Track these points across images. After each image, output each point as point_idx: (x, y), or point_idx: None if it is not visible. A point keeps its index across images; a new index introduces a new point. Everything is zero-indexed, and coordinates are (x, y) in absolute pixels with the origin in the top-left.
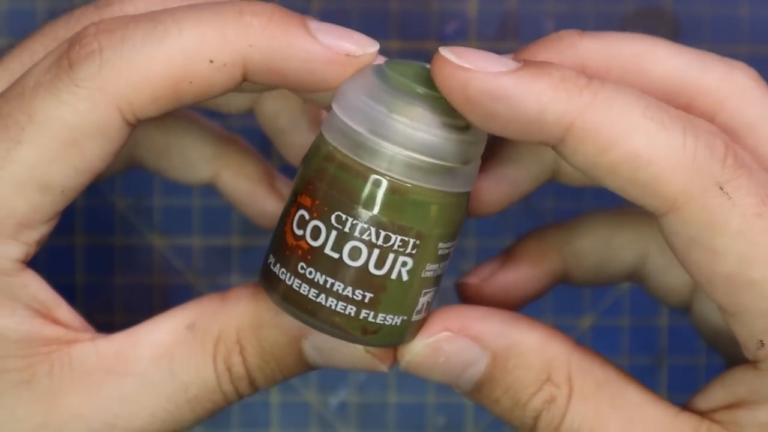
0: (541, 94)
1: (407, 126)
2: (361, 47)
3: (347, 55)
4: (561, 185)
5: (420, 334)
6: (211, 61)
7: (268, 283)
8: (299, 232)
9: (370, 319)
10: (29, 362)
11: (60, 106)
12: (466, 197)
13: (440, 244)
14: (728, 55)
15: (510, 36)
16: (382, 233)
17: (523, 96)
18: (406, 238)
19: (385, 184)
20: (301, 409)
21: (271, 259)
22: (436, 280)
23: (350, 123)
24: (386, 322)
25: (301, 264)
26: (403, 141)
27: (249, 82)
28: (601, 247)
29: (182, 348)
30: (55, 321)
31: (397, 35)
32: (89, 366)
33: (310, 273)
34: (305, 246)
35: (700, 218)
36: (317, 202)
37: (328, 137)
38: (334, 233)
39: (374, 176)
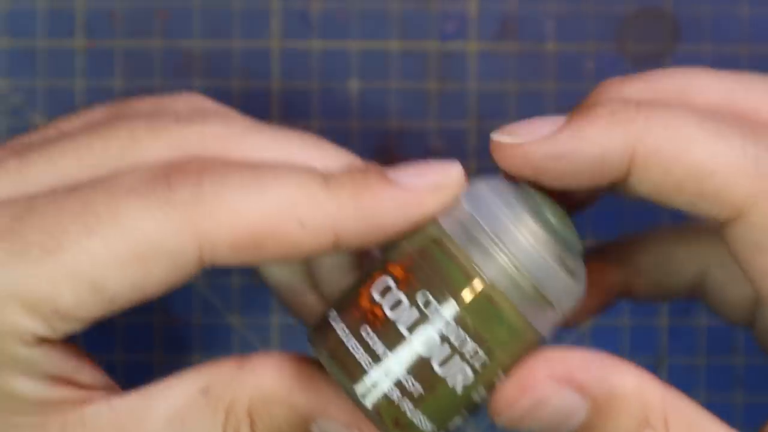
0: (598, 136)
1: (530, 246)
2: (445, 174)
3: (436, 185)
4: None
5: (523, 385)
6: (303, 225)
7: (321, 336)
8: (377, 298)
9: (408, 414)
10: (43, 420)
11: (145, 217)
12: (538, 344)
13: (500, 374)
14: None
15: (510, 36)
16: (462, 334)
17: (582, 146)
18: (479, 351)
19: (486, 289)
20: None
21: (333, 313)
22: (476, 408)
23: (477, 216)
24: (419, 424)
25: (367, 327)
26: (520, 257)
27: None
28: (662, 262)
29: (194, 413)
30: (76, 384)
31: (397, 35)
32: (102, 424)
33: (372, 340)
34: (379, 313)
35: (766, 223)
36: (410, 276)
37: (443, 223)
38: (415, 312)
39: (478, 278)
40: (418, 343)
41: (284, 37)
